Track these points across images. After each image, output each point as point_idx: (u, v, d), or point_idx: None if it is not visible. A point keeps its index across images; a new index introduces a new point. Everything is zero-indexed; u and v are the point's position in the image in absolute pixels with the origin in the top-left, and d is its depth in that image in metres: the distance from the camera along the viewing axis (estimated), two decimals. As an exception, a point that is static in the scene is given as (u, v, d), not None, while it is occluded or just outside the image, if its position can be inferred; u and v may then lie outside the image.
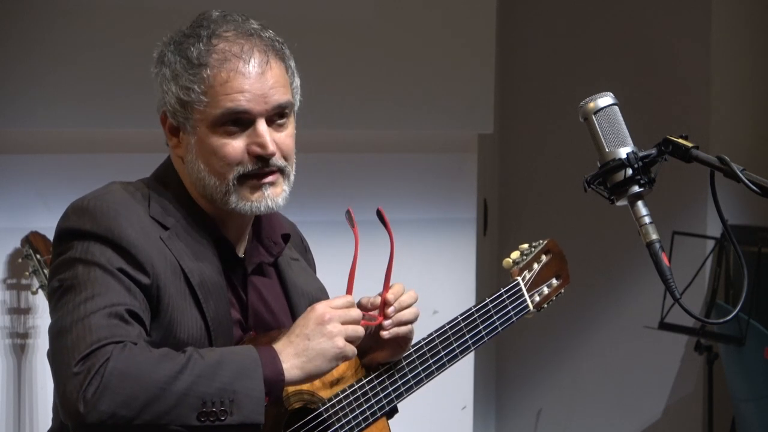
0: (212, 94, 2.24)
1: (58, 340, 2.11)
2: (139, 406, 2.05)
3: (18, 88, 3.75)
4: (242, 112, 2.24)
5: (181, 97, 2.25)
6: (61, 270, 2.17)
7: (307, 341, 2.17)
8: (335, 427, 2.31)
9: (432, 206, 4.65)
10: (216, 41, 2.26)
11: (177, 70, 2.26)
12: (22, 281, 3.77)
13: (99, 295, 2.12)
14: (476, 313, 2.48)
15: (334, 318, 2.19)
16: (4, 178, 3.80)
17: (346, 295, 2.24)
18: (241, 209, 2.26)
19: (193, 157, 2.26)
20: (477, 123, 4.74)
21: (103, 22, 3.85)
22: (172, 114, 2.27)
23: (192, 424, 2.08)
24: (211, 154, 2.25)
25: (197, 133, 2.25)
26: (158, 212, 2.25)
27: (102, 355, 2.06)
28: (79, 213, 2.20)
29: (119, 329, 2.10)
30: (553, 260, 2.63)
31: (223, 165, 2.25)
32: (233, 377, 2.10)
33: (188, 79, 2.24)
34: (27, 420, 3.75)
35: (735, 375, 4.75)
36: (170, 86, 2.26)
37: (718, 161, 2.14)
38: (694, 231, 4.84)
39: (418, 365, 2.41)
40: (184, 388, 2.07)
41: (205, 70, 2.24)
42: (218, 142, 2.24)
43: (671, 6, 5.18)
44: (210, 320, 2.22)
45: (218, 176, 2.25)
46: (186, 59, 2.25)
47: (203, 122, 2.25)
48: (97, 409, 2.03)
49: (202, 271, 2.24)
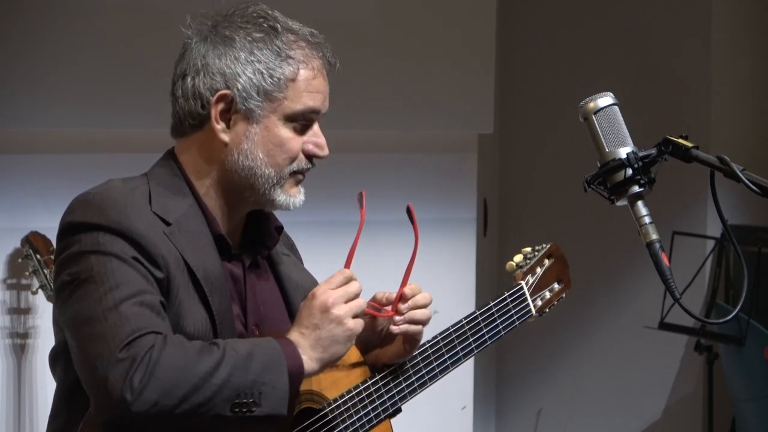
0: (296, 88, 2.26)
1: (88, 328, 2.09)
2: (180, 396, 2.06)
3: (18, 88, 3.75)
4: (317, 112, 2.29)
5: (262, 84, 2.25)
6: (71, 264, 2.16)
7: (318, 331, 2.18)
8: (340, 427, 2.31)
9: (432, 206, 4.65)
10: (294, 37, 2.28)
11: (257, 56, 2.25)
12: (22, 281, 3.77)
13: (123, 283, 2.11)
14: (480, 317, 2.48)
15: (337, 300, 2.19)
16: (4, 178, 3.80)
17: (342, 270, 2.23)
18: (282, 202, 2.29)
19: (252, 145, 2.26)
20: (477, 123, 4.74)
21: (103, 22, 3.85)
22: (242, 98, 2.25)
23: (225, 415, 2.10)
24: (277, 145, 2.26)
25: (266, 122, 2.26)
26: (160, 207, 2.24)
27: (146, 343, 2.06)
28: (85, 206, 2.19)
29: (154, 320, 2.11)
30: (556, 264, 2.63)
31: (285, 158, 2.27)
32: (263, 369, 2.12)
33: (273, 67, 2.25)
34: (27, 420, 3.75)
35: (735, 375, 4.75)
36: (245, 69, 2.25)
37: (718, 161, 2.15)
38: (694, 231, 4.84)
39: (422, 368, 2.41)
40: (222, 380, 2.09)
41: (292, 63, 2.26)
42: (288, 135, 2.27)
43: (671, 6, 5.19)
44: (216, 314, 2.23)
45: (276, 167, 2.27)
46: (269, 49, 2.25)
47: (277, 113, 2.26)
48: (143, 397, 2.04)
49: (205, 265, 2.24)
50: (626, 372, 5.33)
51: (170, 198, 2.27)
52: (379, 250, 3.70)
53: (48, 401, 2.31)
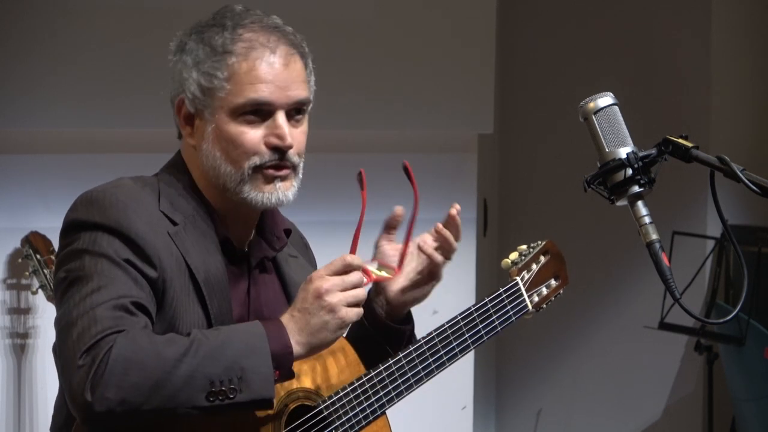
0: (236, 81, 2.24)
1: (63, 334, 2.11)
2: (146, 391, 2.05)
3: (18, 88, 3.75)
4: (264, 103, 2.25)
5: (203, 84, 2.25)
6: (68, 261, 2.18)
7: (309, 316, 2.17)
8: (335, 424, 2.31)
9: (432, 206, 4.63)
10: (241, 31, 2.26)
11: (200, 56, 2.26)
12: (22, 281, 3.77)
13: (105, 287, 2.12)
14: (475, 312, 2.48)
15: (331, 288, 2.18)
16: (4, 178, 3.80)
17: (343, 256, 2.22)
18: (253, 200, 2.27)
19: (209, 145, 2.27)
20: (477, 123, 4.74)
21: (103, 22, 3.85)
22: (190, 101, 2.27)
23: (202, 405, 2.08)
24: (228, 141, 2.25)
25: (216, 121, 2.26)
26: (168, 207, 2.26)
27: (105, 344, 2.06)
28: (88, 204, 2.21)
29: (124, 320, 2.10)
30: (552, 261, 2.63)
31: (239, 153, 2.25)
32: (240, 355, 2.10)
33: (211, 65, 2.25)
34: (27, 420, 3.75)
35: (735, 375, 4.75)
36: (191, 73, 2.27)
37: (718, 161, 2.14)
38: (694, 231, 4.84)
39: (418, 364, 2.41)
40: (190, 369, 2.07)
41: (230, 57, 2.24)
42: (237, 130, 2.25)
43: (671, 6, 5.19)
44: (213, 317, 2.23)
45: (234, 164, 2.26)
46: (210, 47, 2.26)
47: (223, 109, 2.25)
48: (104, 397, 2.04)
49: (207, 267, 2.24)
50: (626, 372, 5.32)
51: (179, 198, 2.28)
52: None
53: (48, 401, 2.32)
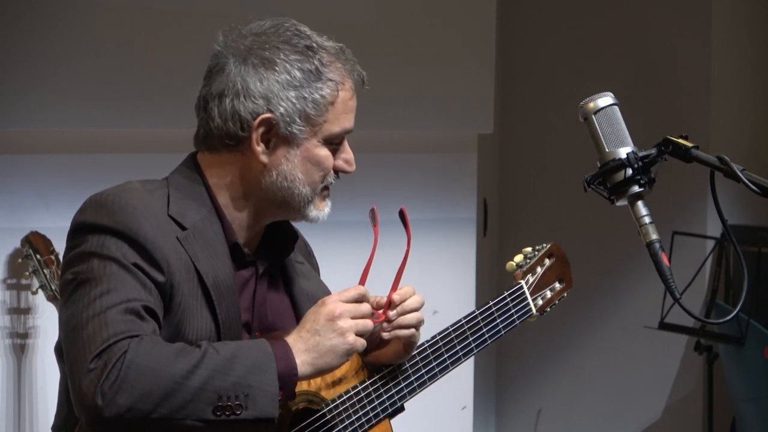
0: (335, 110, 2.28)
1: (73, 335, 2.11)
2: (155, 400, 2.05)
3: (18, 88, 3.75)
4: (351, 131, 2.32)
5: (304, 109, 2.26)
6: (76, 263, 2.17)
7: (318, 337, 2.17)
8: (339, 428, 2.32)
9: (432, 206, 4.65)
10: (329, 57, 2.29)
11: (299, 79, 2.26)
12: (22, 281, 3.77)
13: (114, 290, 2.12)
14: (480, 316, 2.48)
15: (344, 313, 2.19)
16: (4, 178, 3.80)
17: (357, 286, 2.24)
18: (314, 217, 2.32)
19: (291, 167, 2.28)
20: (477, 123, 4.74)
21: (103, 22, 3.84)
22: (284, 122, 2.26)
23: (208, 419, 2.08)
24: (315, 165, 2.29)
25: (305, 145, 2.28)
26: (177, 212, 2.25)
27: (119, 349, 2.06)
28: (96, 207, 2.20)
29: (135, 324, 2.10)
30: (557, 264, 2.63)
31: (321, 176, 2.30)
32: (248, 371, 2.10)
33: (314, 91, 2.26)
34: (27, 420, 3.75)
35: (735, 375, 4.75)
36: (288, 93, 2.25)
37: (718, 161, 2.15)
38: (694, 231, 4.84)
39: (422, 367, 2.41)
40: (200, 382, 2.07)
41: (332, 85, 2.27)
42: (325, 154, 2.29)
43: (671, 6, 5.19)
44: (222, 323, 2.23)
45: (311, 185, 2.29)
46: (309, 70, 2.26)
47: (317, 136, 2.28)
48: (115, 403, 2.03)
49: (216, 273, 2.24)
50: (626, 372, 5.33)
51: (188, 204, 2.28)
52: (378, 250, 3.70)
53: (48, 401, 2.32)
